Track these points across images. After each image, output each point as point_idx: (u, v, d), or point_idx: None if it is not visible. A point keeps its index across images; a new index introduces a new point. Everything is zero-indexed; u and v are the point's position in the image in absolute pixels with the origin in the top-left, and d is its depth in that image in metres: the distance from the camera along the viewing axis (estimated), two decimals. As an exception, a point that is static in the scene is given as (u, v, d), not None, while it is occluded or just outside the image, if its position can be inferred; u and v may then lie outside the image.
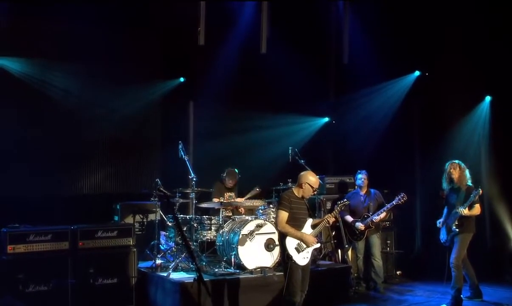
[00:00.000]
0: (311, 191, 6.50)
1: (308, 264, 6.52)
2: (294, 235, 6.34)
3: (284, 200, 6.41)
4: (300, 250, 6.36)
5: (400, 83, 11.01)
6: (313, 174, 6.59)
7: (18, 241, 7.11)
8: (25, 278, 7.03)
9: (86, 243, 7.50)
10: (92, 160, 9.84)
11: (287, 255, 6.32)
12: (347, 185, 9.81)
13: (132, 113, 9.94)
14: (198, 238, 8.13)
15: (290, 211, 6.36)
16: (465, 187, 7.96)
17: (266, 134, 10.72)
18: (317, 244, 6.59)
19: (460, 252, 7.89)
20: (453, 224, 7.94)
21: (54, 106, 9.24)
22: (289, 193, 6.53)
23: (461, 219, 7.89)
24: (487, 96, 10.32)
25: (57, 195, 9.27)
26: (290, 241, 6.35)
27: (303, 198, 6.51)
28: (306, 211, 6.55)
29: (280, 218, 6.35)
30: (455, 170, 8.05)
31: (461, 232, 7.92)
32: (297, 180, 6.58)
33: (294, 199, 6.45)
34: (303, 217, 6.49)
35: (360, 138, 10.97)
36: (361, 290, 8.94)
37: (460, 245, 7.90)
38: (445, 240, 8.09)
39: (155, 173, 10.22)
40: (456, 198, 7.99)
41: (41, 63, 9.13)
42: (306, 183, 6.45)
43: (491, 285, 9.10)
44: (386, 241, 9.91)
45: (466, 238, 7.95)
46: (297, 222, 6.41)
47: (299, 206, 6.45)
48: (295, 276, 6.31)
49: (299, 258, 6.36)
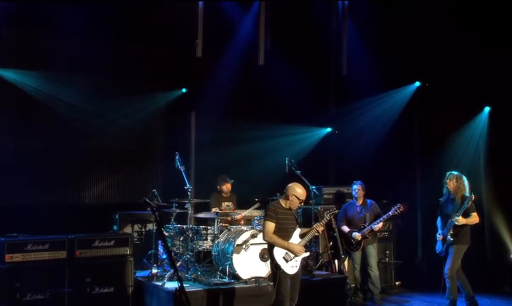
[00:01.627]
0: (297, 202, 6.56)
1: (297, 273, 6.56)
2: (281, 245, 6.39)
3: (270, 211, 6.48)
4: (288, 259, 6.41)
5: (400, 94, 11.05)
6: (300, 186, 6.63)
7: (16, 250, 7.22)
8: (22, 286, 7.14)
9: (83, 252, 7.60)
10: (93, 170, 9.99)
11: (275, 265, 6.38)
12: (345, 195, 9.83)
13: (134, 124, 10.09)
14: (194, 248, 8.20)
15: (276, 221, 6.42)
16: (460, 197, 7.99)
17: (266, 145, 10.80)
18: (306, 253, 6.62)
19: (454, 263, 7.90)
20: (448, 233, 7.96)
21: (56, 117, 9.39)
22: (276, 204, 6.60)
23: (456, 229, 7.91)
24: (486, 107, 10.32)
25: (59, 204, 9.43)
26: (278, 251, 6.41)
27: (290, 209, 6.56)
28: (294, 221, 6.60)
29: (267, 228, 6.42)
30: (451, 181, 8.11)
31: (456, 242, 7.93)
32: (284, 192, 6.64)
33: (280, 209, 6.51)
34: (291, 227, 6.54)
35: (360, 148, 10.98)
36: (358, 301, 8.95)
37: (454, 256, 7.91)
38: (440, 250, 8.11)
39: (156, 183, 10.41)
40: (452, 208, 8.03)
41: (43, 75, 9.28)
42: (292, 195, 6.51)
43: (490, 296, 9.10)
44: (385, 251, 9.93)
45: (461, 250, 7.96)
46: (284, 232, 6.46)
47: (286, 217, 6.51)
48: (283, 286, 6.35)
49: (287, 267, 6.40)
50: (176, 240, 8.32)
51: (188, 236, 8.07)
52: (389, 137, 10.76)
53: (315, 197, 9.15)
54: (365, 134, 11.05)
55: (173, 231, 8.34)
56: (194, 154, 10.67)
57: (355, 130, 11.17)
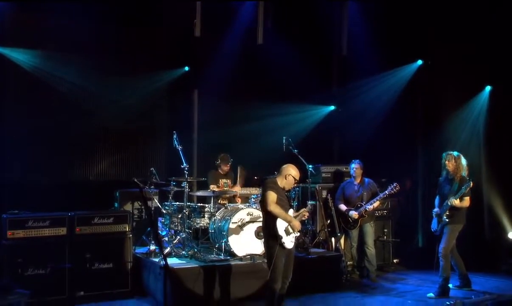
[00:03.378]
0: (293, 182, 6.68)
1: (292, 249, 6.68)
2: (284, 216, 6.44)
3: (272, 183, 6.56)
4: (288, 233, 6.47)
5: (402, 72, 11.03)
6: (295, 167, 6.74)
7: (18, 227, 7.44)
8: (24, 262, 7.35)
9: (83, 229, 7.80)
10: (98, 148, 10.12)
11: (277, 236, 6.39)
12: (343, 174, 9.92)
13: (137, 103, 10.18)
14: (191, 225, 8.37)
15: (277, 195, 6.49)
16: (459, 178, 8.03)
17: (267, 123, 10.85)
18: (298, 233, 6.73)
19: (448, 242, 7.99)
20: (444, 214, 8.03)
21: (62, 96, 9.48)
22: (274, 180, 6.69)
23: (452, 210, 7.98)
24: (487, 86, 10.27)
25: (63, 181, 9.61)
26: (281, 223, 6.45)
27: (284, 189, 6.68)
28: (287, 200, 6.74)
29: (270, 199, 6.41)
30: (449, 162, 8.13)
31: (451, 222, 8.01)
32: (280, 171, 6.74)
33: (277, 186, 6.62)
34: (285, 206, 6.63)
35: (361, 127, 11.02)
36: (354, 278, 9.11)
37: (449, 235, 8.00)
38: (435, 229, 8.19)
39: (159, 161, 10.56)
40: (449, 189, 8.08)
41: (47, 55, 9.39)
42: (289, 175, 6.62)
43: (485, 275, 9.19)
44: (383, 230, 10.04)
45: (456, 229, 8.04)
46: (281, 208, 6.55)
47: (282, 194, 6.63)
48: (280, 261, 6.44)
49: (287, 241, 6.46)
50: (174, 218, 8.48)
51: (184, 214, 8.23)
52: (391, 115, 10.77)
53: (312, 176, 9.22)
54: (367, 113, 11.05)
55: (171, 208, 8.49)
56: (196, 132, 10.78)
57: (357, 109, 11.18)
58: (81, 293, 7.61)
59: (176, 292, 7.32)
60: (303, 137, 10.83)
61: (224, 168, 9.16)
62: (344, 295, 8.10)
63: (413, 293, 8.25)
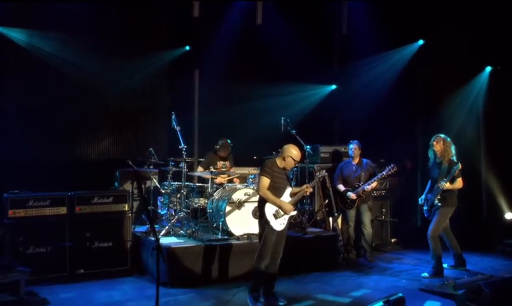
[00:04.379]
0: (293, 163, 6.78)
1: (284, 230, 6.80)
2: (273, 201, 6.60)
3: (267, 167, 6.68)
4: (277, 216, 6.64)
5: (403, 52, 11.01)
6: (296, 147, 6.82)
7: (19, 206, 7.60)
8: (25, 240, 7.54)
9: (83, 208, 7.95)
10: (99, 127, 10.20)
11: (265, 220, 6.60)
12: (342, 154, 9.97)
13: (138, 83, 10.26)
14: (189, 205, 8.48)
15: (271, 178, 6.63)
16: (448, 162, 8.04)
17: (268, 103, 10.88)
18: (294, 212, 6.87)
19: (438, 225, 8.07)
20: (435, 199, 8.07)
21: (63, 77, 9.52)
22: (272, 161, 6.80)
23: (443, 193, 8.01)
24: (488, 66, 10.25)
25: (65, 160, 9.71)
26: (269, 207, 6.62)
27: (284, 169, 6.79)
28: (286, 181, 6.84)
29: (262, 183, 6.61)
30: (438, 144, 8.15)
31: (443, 206, 8.06)
32: (281, 152, 6.83)
33: (276, 168, 6.72)
34: (283, 187, 6.76)
35: (361, 107, 11.05)
36: (351, 257, 9.20)
37: (439, 218, 8.07)
38: (428, 215, 8.25)
39: (160, 140, 10.65)
40: (438, 173, 8.11)
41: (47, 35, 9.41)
42: (288, 156, 6.72)
43: (481, 255, 9.28)
44: (382, 209, 10.14)
45: (447, 212, 8.11)
46: (277, 190, 6.68)
47: (280, 176, 6.74)
48: (269, 241, 6.62)
49: (276, 224, 6.64)
50: (173, 197, 8.60)
51: (183, 194, 8.33)
52: (391, 96, 10.77)
53: (309, 156, 9.29)
54: (367, 93, 11.07)
55: (169, 188, 8.60)
56: (197, 111, 10.84)
57: (357, 89, 11.21)
58: (81, 271, 7.81)
59: (173, 270, 7.47)
60: (303, 117, 10.89)
61: (222, 155, 9.23)
62: (340, 274, 8.22)
63: (408, 273, 8.35)
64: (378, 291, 7.36)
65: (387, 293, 6.41)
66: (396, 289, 7.32)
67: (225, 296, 7.06)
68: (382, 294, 6.54)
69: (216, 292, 7.25)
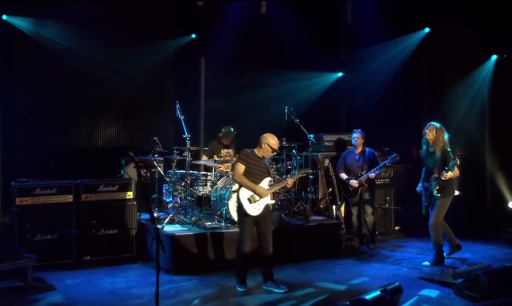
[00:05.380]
0: (270, 151, 6.96)
1: (264, 215, 6.94)
2: (248, 185, 6.84)
3: (242, 155, 6.97)
4: (252, 201, 6.85)
5: (408, 40, 11.00)
6: (274, 136, 7.01)
7: (26, 194, 7.76)
8: (32, 227, 7.71)
9: (89, 196, 8.10)
10: (106, 115, 10.32)
11: (239, 204, 6.86)
12: (345, 143, 9.99)
13: (145, 71, 10.29)
14: (194, 193, 8.60)
15: (246, 165, 6.87)
16: (441, 150, 8.00)
17: (274, 91, 10.92)
18: (272, 201, 7.08)
19: (439, 215, 8.12)
20: (434, 190, 8.07)
21: (69, 66, 9.59)
22: (249, 150, 7.02)
23: (442, 184, 8.00)
24: (493, 55, 10.22)
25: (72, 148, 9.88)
26: (244, 192, 6.85)
27: (263, 157, 6.99)
28: (264, 169, 7.04)
29: (237, 169, 6.91)
30: (430, 132, 8.06)
31: (442, 196, 8.08)
32: (259, 140, 7.01)
33: (253, 156, 6.95)
34: (260, 174, 6.96)
35: (367, 95, 11.08)
36: (354, 245, 9.30)
37: (440, 208, 8.10)
38: (426, 203, 8.31)
39: (167, 129, 10.75)
40: (433, 163, 8.07)
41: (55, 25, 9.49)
42: (266, 144, 6.93)
43: (484, 243, 9.31)
44: (385, 197, 10.18)
45: (446, 202, 8.13)
46: (253, 177, 6.91)
47: (257, 164, 6.95)
48: (246, 227, 6.88)
49: (250, 208, 6.84)
50: (177, 185, 8.72)
51: (187, 182, 8.45)
52: (397, 83, 10.80)
53: (313, 145, 9.36)
54: (373, 81, 11.09)
55: (174, 176, 8.72)
56: (203, 100, 10.92)
57: (363, 77, 11.24)
58: (87, 258, 7.97)
59: (176, 258, 7.62)
60: (309, 105, 10.99)
61: (225, 143, 9.31)
62: (342, 262, 8.30)
63: (410, 261, 8.42)
64: (378, 279, 7.44)
65: (387, 282, 6.52)
66: (397, 277, 7.45)
67: (228, 283, 7.18)
68: (382, 282, 6.63)
69: (219, 279, 7.37)
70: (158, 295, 4.96)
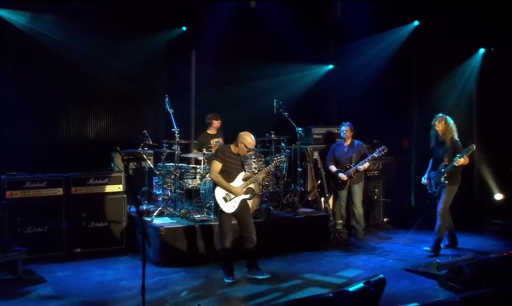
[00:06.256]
0: (245, 149, 7.13)
1: (244, 210, 7.15)
2: (223, 185, 7.01)
3: (219, 152, 7.12)
4: (227, 199, 7.05)
5: (398, 33, 11.06)
6: (251, 135, 7.16)
7: (16, 187, 7.82)
8: (23, 220, 7.77)
9: (79, 189, 8.17)
10: (97, 109, 10.38)
11: (216, 204, 7.07)
12: (335, 135, 10.07)
13: (135, 65, 10.28)
14: (183, 186, 8.68)
15: (223, 163, 7.00)
16: (450, 141, 8.27)
17: (265, 84, 10.95)
18: (246, 195, 7.23)
19: (447, 202, 8.34)
20: (442, 176, 8.27)
21: (61, 60, 9.63)
22: (226, 147, 7.20)
23: (450, 171, 8.23)
24: (481, 48, 10.30)
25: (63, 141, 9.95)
26: (219, 191, 7.05)
27: (239, 154, 7.13)
28: (240, 166, 7.19)
29: (213, 167, 7.06)
30: (440, 123, 8.36)
31: (449, 183, 8.30)
32: (237, 137, 7.14)
33: (229, 153, 7.10)
34: (235, 171, 7.14)
35: (357, 88, 11.13)
36: (343, 237, 9.41)
37: (447, 195, 8.33)
38: (433, 191, 8.50)
39: (158, 122, 10.81)
40: (443, 152, 8.32)
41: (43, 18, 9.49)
42: (241, 142, 7.08)
43: (470, 234, 9.43)
44: (374, 189, 10.28)
45: (453, 189, 8.38)
46: (228, 174, 7.09)
47: (233, 161, 7.12)
48: (224, 223, 7.11)
49: (225, 207, 7.05)
50: (167, 178, 8.78)
51: (176, 175, 8.52)
52: (388, 76, 10.84)
53: (301, 138, 9.44)
54: (363, 73, 11.13)
55: (163, 169, 8.79)
56: (194, 93, 10.97)
57: (353, 70, 11.28)
58: (78, 250, 8.05)
59: (165, 250, 7.71)
60: (300, 97, 11.09)
61: (215, 124, 9.34)
62: (329, 254, 8.41)
63: (396, 253, 8.53)
64: (365, 270, 7.55)
65: (373, 273, 6.61)
66: (383, 268, 7.58)
67: (216, 275, 7.27)
68: (368, 274, 6.72)
69: (207, 271, 7.47)
70: (144, 288, 5.03)
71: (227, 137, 9.50)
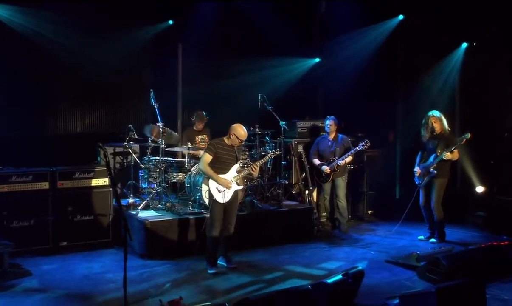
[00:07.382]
0: (237, 141, 7.26)
1: (233, 201, 7.32)
2: (211, 176, 7.17)
3: (211, 145, 7.28)
4: (220, 191, 7.20)
5: (382, 27, 11.16)
6: (243, 127, 7.30)
7: (2, 182, 7.86)
8: (9, 214, 7.83)
9: (65, 183, 8.24)
10: (83, 103, 10.40)
11: (209, 194, 7.18)
12: (319, 129, 10.17)
13: (123, 58, 10.27)
14: (168, 179, 8.78)
15: (215, 155, 7.15)
16: (446, 134, 8.57)
17: (251, 78, 10.96)
18: (239, 186, 7.43)
19: (439, 196, 8.61)
20: (431, 166, 8.46)
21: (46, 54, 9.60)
22: (219, 140, 7.33)
23: (439, 163, 8.45)
24: (464, 43, 10.44)
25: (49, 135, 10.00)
26: (213, 182, 7.18)
27: (232, 146, 7.25)
28: (234, 158, 7.32)
29: (203, 159, 7.23)
30: (436, 122, 8.63)
31: (439, 177, 8.53)
32: (228, 129, 7.26)
33: (222, 146, 7.25)
34: (229, 162, 7.28)
35: (342, 82, 11.20)
36: (327, 229, 9.55)
37: (438, 189, 8.59)
38: (420, 182, 8.69)
39: (145, 116, 10.85)
40: (436, 144, 8.55)
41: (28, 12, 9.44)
42: (233, 134, 7.22)
43: (451, 226, 9.55)
44: (358, 182, 10.42)
45: (443, 183, 8.62)
46: (223, 165, 7.25)
47: (226, 153, 7.26)
48: (215, 213, 7.21)
49: (219, 197, 7.20)
50: (153, 172, 8.87)
51: (161, 169, 8.62)
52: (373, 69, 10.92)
53: (286, 132, 9.54)
54: (347, 68, 11.21)
55: (149, 163, 8.88)
56: (181, 87, 11.04)
57: (337, 64, 11.34)
58: (64, 243, 8.14)
59: (150, 243, 7.82)
60: (287, 91, 11.17)
61: (199, 126, 9.48)
62: (312, 246, 8.54)
63: (378, 244, 8.68)
64: (346, 262, 7.69)
65: (354, 265, 6.77)
66: (364, 260, 7.71)
67: (199, 267, 7.39)
68: (349, 266, 6.86)
69: (191, 263, 7.59)
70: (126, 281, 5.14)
71: (213, 131, 9.63)
